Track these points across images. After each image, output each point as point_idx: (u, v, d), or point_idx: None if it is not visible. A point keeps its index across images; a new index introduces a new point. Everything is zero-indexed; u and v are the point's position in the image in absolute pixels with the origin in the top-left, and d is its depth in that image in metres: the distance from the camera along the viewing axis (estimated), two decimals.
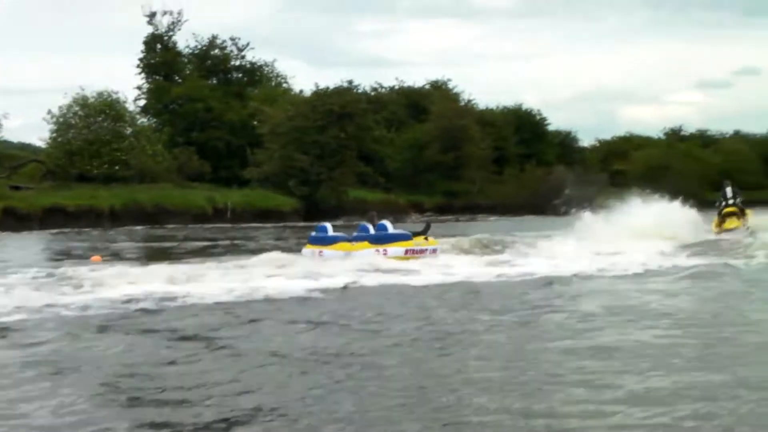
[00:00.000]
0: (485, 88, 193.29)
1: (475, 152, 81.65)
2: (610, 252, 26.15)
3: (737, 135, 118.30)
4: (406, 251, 24.90)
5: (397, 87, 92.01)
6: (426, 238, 25.75)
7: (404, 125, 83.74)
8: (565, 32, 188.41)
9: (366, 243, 25.11)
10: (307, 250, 25.50)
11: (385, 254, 24.42)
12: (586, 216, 34.24)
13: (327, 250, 24.92)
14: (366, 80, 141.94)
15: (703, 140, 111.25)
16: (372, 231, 25.32)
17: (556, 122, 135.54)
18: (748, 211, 37.53)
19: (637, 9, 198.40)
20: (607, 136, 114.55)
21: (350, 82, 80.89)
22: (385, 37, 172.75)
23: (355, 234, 25.63)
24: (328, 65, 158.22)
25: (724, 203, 36.47)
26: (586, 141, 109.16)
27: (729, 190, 37.71)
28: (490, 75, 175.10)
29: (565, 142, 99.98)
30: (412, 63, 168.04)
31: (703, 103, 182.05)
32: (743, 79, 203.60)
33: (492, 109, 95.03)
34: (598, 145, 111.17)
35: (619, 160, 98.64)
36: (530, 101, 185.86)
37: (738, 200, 37.72)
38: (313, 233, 26.23)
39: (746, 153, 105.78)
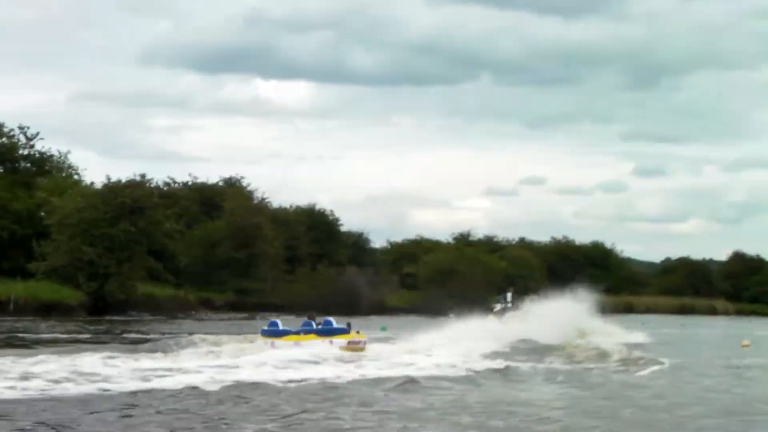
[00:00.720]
0: (279, 187, 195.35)
1: (267, 250, 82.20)
2: None
3: (522, 242, 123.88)
4: (349, 342, 30.60)
5: (190, 182, 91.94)
6: (357, 332, 31.40)
7: (196, 221, 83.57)
8: (359, 135, 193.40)
9: (313, 335, 31.45)
10: (261, 341, 31.61)
11: (331, 344, 30.27)
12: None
13: (279, 341, 30.96)
14: (159, 174, 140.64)
15: (490, 246, 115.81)
16: (314, 326, 31.83)
17: (348, 223, 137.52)
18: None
19: (431, 117, 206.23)
20: (398, 238, 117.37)
21: (143, 175, 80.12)
22: (178, 133, 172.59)
23: (300, 328, 32.26)
24: (121, 158, 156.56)
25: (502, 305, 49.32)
26: (377, 243, 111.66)
27: (509, 295, 51.49)
28: (284, 174, 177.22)
29: (357, 243, 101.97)
30: (206, 159, 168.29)
31: (490, 210, 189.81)
32: (528, 188, 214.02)
33: (285, 209, 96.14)
34: (389, 247, 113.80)
35: (410, 262, 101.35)
36: (323, 201, 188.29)
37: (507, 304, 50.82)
38: (265, 327, 33.11)
39: (531, 259, 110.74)
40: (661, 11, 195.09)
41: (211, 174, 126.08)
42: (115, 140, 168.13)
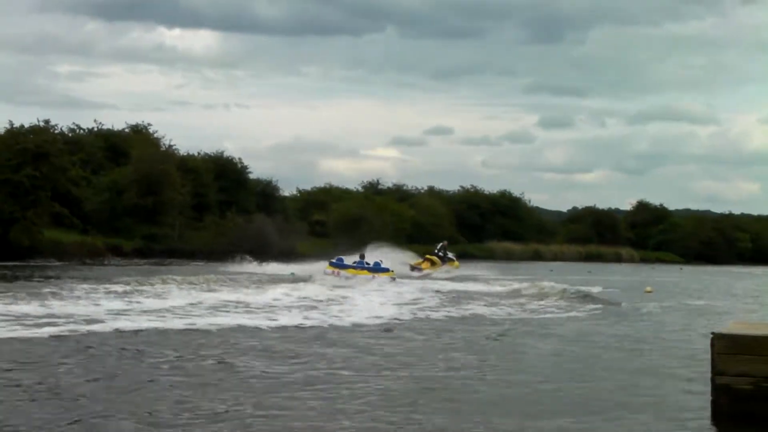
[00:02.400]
0: (186, 134, 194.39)
1: (175, 197, 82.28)
2: None
3: (432, 191, 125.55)
4: (391, 279, 45.38)
5: (95, 129, 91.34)
6: (392, 271, 47.34)
7: (103, 168, 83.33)
8: (266, 84, 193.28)
9: (365, 271, 46.62)
10: (328, 270, 46.94)
11: (373, 278, 44.97)
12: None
13: (342, 272, 46.41)
14: (63, 121, 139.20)
15: (399, 194, 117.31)
16: (368, 265, 47.55)
17: (257, 171, 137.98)
18: (456, 263, 59.91)
19: (337, 67, 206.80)
20: (307, 186, 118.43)
21: (46, 121, 79.85)
22: (83, 80, 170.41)
23: (356, 264, 47.66)
24: (24, 105, 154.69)
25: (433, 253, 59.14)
26: (287, 191, 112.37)
27: (440, 245, 60.96)
28: (192, 122, 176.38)
29: (265, 191, 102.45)
30: (112, 106, 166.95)
31: (398, 159, 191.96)
32: (435, 138, 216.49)
33: (193, 156, 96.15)
34: (298, 195, 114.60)
35: (319, 210, 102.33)
36: (231, 149, 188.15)
37: (441, 253, 59.73)
38: (333, 260, 48.30)
39: (439, 208, 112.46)
40: None
41: (118, 121, 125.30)
42: (18, 87, 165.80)
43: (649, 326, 26.58)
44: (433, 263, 58.25)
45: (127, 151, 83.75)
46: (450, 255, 61.96)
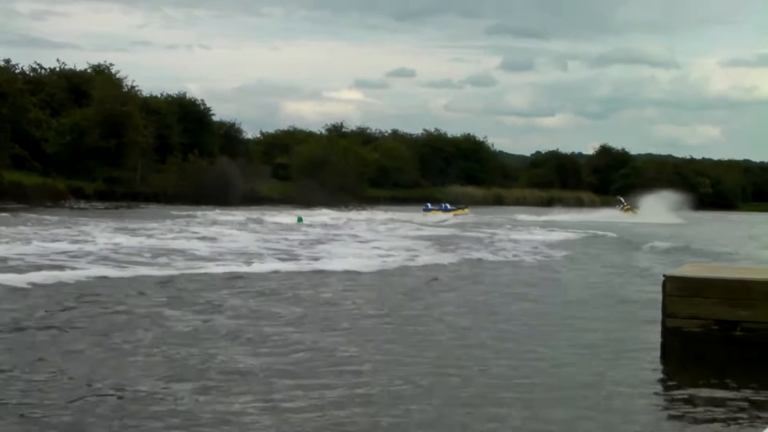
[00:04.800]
0: (149, 75, 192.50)
1: (137, 139, 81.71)
2: None
3: (395, 134, 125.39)
4: (455, 215, 67.81)
5: (57, 69, 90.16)
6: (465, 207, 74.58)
7: (64, 108, 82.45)
8: (228, 25, 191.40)
9: (442, 212, 69.81)
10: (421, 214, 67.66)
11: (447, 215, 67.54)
12: None
13: (429, 213, 68.11)
14: (24, 60, 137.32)
15: (363, 137, 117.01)
16: (443, 206, 73.03)
17: (220, 113, 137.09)
18: (465, 209, 73.99)
19: (299, 8, 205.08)
20: (270, 129, 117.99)
21: (7, 60, 78.89)
22: (44, 18, 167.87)
23: (438, 207, 72.53)
24: None
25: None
26: (250, 133, 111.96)
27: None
28: (154, 62, 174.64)
29: (229, 133, 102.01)
30: (74, 46, 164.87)
31: (361, 102, 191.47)
32: (398, 80, 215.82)
33: (156, 97, 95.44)
34: (261, 138, 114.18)
35: (282, 153, 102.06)
36: (194, 91, 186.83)
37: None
38: (424, 207, 73.53)
39: (403, 152, 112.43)
40: None
41: (80, 61, 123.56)
42: None
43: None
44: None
45: (89, 92, 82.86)
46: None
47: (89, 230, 33.74)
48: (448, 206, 73.52)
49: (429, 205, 74.74)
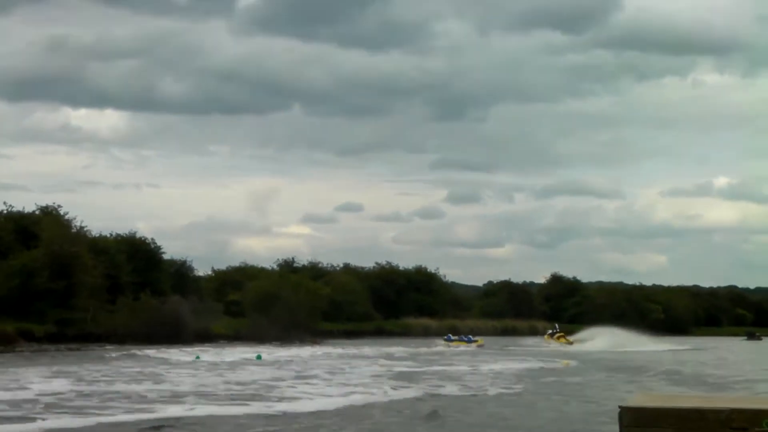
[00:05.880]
0: (97, 215, 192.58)
1: (87, 280, 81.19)
2: None
3: (347, 267, 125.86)
4: (477, 345, 77.11)
5: (5, 211, 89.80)
6: (480, 339, 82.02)
7: (12, 251, 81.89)
8: (176, 163, 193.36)
9: (464, 342, 79.30)
10: (444, 344, 79.05)
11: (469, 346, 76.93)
12: None
13: (452, 344, 78.18)
14: None
15: (315, 272, 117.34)
16: (464, 338, 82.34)
17: (171, 251, 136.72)
18: (481, 340, 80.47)
19: (245, 146, 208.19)
20: (222, 266, 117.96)
21: None
22: None
23: (459, 338, 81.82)
24: None
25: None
26: (201, 270, 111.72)
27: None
28: (102, 202, 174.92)
29: (180, 271, 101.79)
30: (20, 188, 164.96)
31: (311, 236, 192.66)
32: (346, 215, 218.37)
33: (105, 237, 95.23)
34: (213, 274, 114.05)
35: (234, 289, 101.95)
36: (144, 230, 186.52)
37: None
38: (446, 337, 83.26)
39: (355, 285, 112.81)
40: (461, 45, 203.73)
41: (28, 203, 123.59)
42: None
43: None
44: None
45: (37, 233, 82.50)
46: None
47: (27, 375, 33.26)
48: (471, 337, 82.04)
49: (451, 335, 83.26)
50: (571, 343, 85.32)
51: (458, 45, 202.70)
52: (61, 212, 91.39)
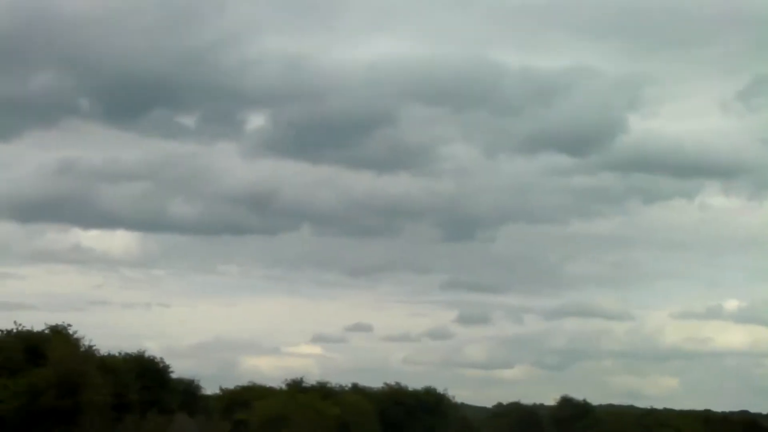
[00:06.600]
0: (106, 333, 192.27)
1: (94, 398, 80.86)
2: None
3: (356, 388, 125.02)
4: None
5: (14, 330, 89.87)
6: None
7: (21, 370, 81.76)
8: (186, 283, 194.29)
9: None
10: None
11: None
12: None
13: None
14: None
15: (324, 392, 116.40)
16: None
17: (179, 370, 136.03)
18: None
19: (255, 266, 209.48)
20: (230, 385, 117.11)
21: None
22: (2, 281, 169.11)
23: None
24: None
25: None
26: (209, 389, 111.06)
27: None
28: (112, 321, 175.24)
29: (188, 390, 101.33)
30: (30, 307, 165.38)
31: (320, 356, 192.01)
32: (355, 335, 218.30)
33: (114, 356, 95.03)
34: (221, 393, 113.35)
35: (242, 409, 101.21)
36: (153, 349, 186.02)
37: None
38: None
39: (364, 405, 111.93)
40: (468, 168, 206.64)
41: (37, 322, 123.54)
42: None
43: None
44: None
45: (45, 352, 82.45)
46: None
47: None
48: None
49: None
50: None
51: (465, 167, 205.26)
52: (71, 331, 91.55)
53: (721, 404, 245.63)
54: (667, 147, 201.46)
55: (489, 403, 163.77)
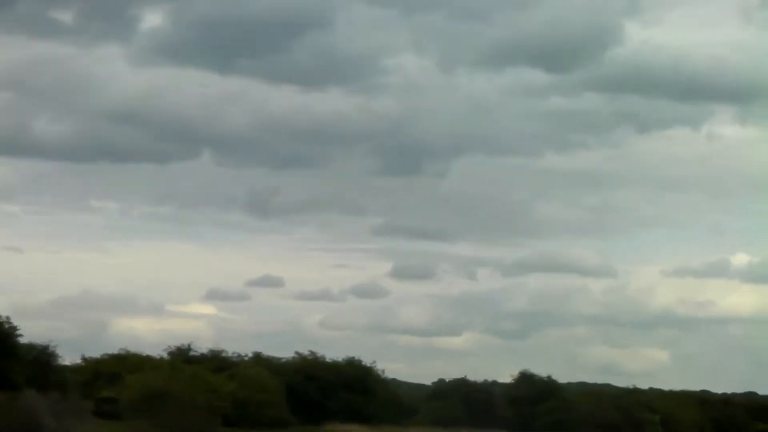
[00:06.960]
0: None
1: None
2: None
3: (258, 358, 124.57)
4: None
5: None
6: None
7: None
8: (47, 222, 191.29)
9: None
10: None
11: None
12: None
13: None
14: None
15: (217, 363, 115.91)
16: None
17: (30, 333, 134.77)
18: None
19: (139, 202, 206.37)
20: (95, 353, 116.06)
21: None
22: None
23: None
24: None
25: None
26: (68, 359, 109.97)
27: None
28: None
29: (39, 358, 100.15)
30: None
31: (215, 318, 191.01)
32: (262, 291, 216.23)
33: None
34: (83, 364, 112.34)
35: (110, 383, 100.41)
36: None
37: None
38: None
39: (268, 381, 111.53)
40: (418, 84, 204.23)
41: None
42: None
43: None
44: None
45: None
46: None
47: None
48: None
49: None
50: None
51: (414, 83, 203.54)
52: None
53: (722, 384, 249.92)
54: (670, 62, 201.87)
55: (428, 379, 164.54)
